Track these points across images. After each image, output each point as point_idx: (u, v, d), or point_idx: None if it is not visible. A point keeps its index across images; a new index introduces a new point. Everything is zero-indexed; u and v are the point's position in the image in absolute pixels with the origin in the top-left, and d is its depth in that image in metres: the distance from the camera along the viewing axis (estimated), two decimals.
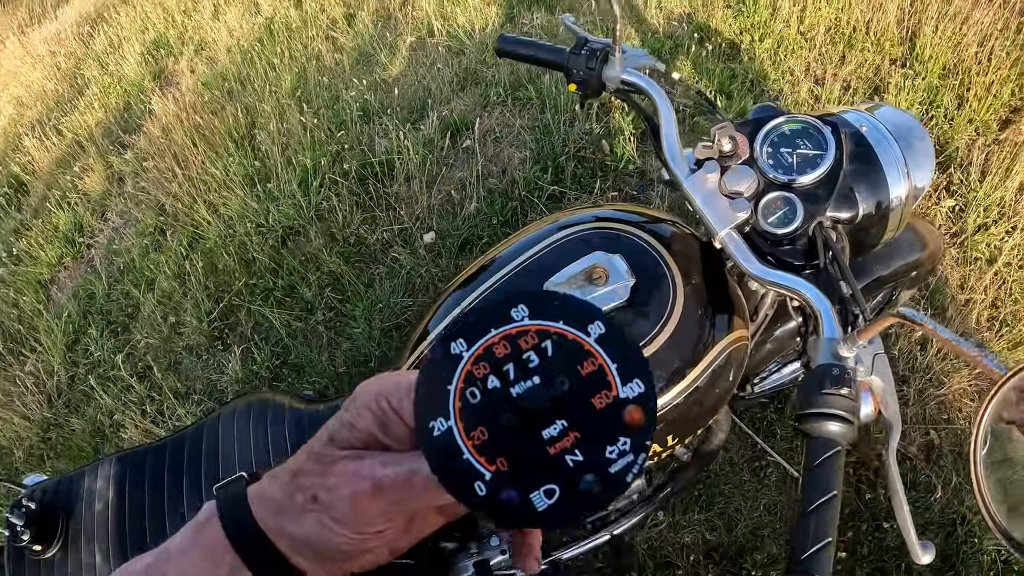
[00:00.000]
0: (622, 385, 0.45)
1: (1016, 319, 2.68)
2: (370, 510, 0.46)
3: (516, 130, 3.39)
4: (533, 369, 0.45)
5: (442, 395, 0.45)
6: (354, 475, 0.46)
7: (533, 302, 0.48)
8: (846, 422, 0.84)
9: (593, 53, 1.28)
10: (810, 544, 0.77)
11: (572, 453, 0.43)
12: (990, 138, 3.16)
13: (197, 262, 3.09)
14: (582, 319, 0.47)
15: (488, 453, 0.43)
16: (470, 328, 0.47)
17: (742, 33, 3.72)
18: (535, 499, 0.42)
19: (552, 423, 0.44)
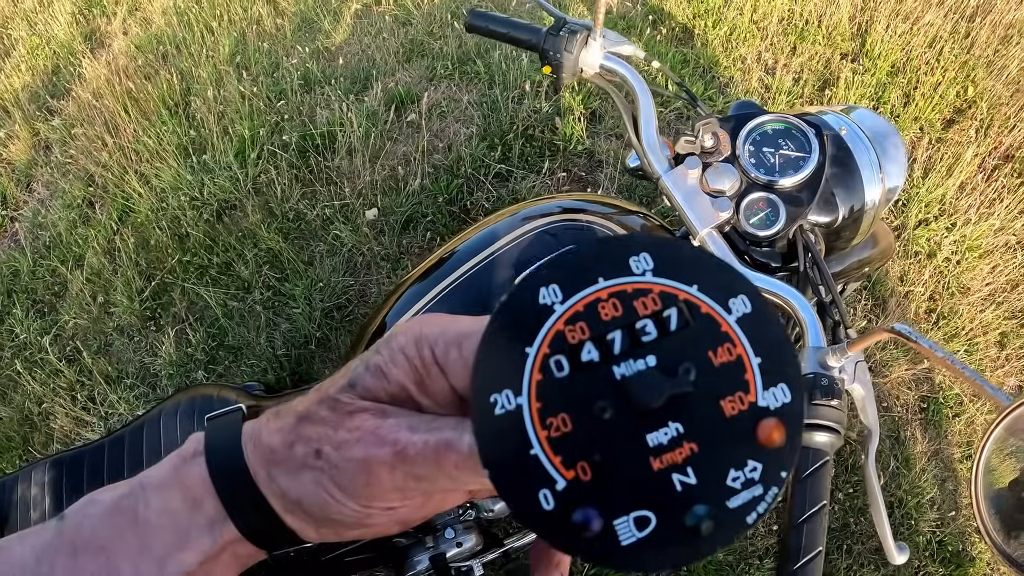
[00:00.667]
0: (763, 389, 0.33)
1: (953, 312, 2.77)
2: (384, 482, 0.37)
3: (463, 105, 3.33)
4: (648, 345, 0.33)
5: (516, 360, 0.33)
6: (372, 435, 0.37)
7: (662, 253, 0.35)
8: (835, 432, 0.84)
9: (572, 36, 1.21)
10: (802, 554, 0.76)
11: (683, 473, 0.32)
12: (934, 137, 3.28)
13: (128, 237, 2.96)
14: (725, 288, 0.35)
15: (567, 453, 0.32)
16: (570, 272, 0.35)
17: (695, 18, 3.74)
18: (620, 528, 0.31)
19: (663, 426, 0.32)
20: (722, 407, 0.33)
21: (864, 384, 0.95)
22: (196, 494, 0.40)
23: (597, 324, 0.33)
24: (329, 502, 0.38)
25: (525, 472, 0.31)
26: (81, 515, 0.41)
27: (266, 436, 0.40)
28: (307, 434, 0.39)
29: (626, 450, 0.32)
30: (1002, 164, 3.20)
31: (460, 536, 1.56)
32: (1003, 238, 2.97)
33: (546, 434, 0.32)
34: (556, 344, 0.33)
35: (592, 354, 0.33)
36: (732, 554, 2.28)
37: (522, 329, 0.33)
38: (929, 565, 2.31)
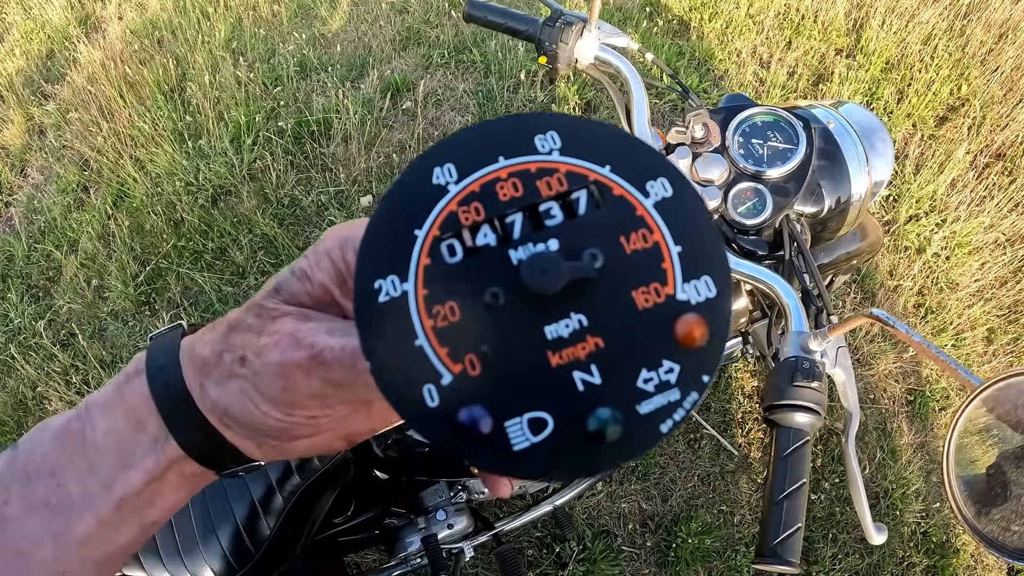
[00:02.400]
0: (683, 281, 0.30)
1: (941, 307, 2.80)
2: (300, 387, 0.36)
3: (459, 94, 3.33)
4: (552, 230, 0.31)
5: (404, 243, 0.30)
6: (290, 338, 0.36)
7: (571, 131, 0.32)
8: (815, 413, 0.86)
9: (568, 27, 1.23)
10: (782, 530, 0.79)
11: (585, 370, 0.28)
12: (926, 133, 3.30)
13: (123, 222, 2.96)
14: (642, 170, 0.32)
15: (455, 345, 0.29)
16: (466, 149, 0.32)
17: (691, 11, 3.75)
18: (512, 431, 0.28)
19: (565, 316, 0.29)
20: (634, 298, 0.30)
21: (845, 369, 0.98)
22: (139, 413, 0.40)
23: (495, 205, 0.31)
24: (253, 411, 0.37)
25: (408, 365, 0.29)
26: (33, 442, 0.42)
27: (199, 348, 0.39)
28: (234, 342, 0.38)
29: (520, 343, 0.29)
30: (993, 162, 3.23)
31: (451, 518, 1.58)
32: (992, 235, 2.99)
33: (432, 323, 0.29)
34: (448, 226, 0.30)
35: (488, 238, 0.30)
36: (719, 541, 2.31)
37: (413, 211, 0.31)
38: (914, 555, 2.34)
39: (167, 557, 1.21)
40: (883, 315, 0.88)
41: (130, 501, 0.40)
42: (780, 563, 0.78)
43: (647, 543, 2.34)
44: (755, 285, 1.06)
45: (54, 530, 0.40)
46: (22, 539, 0.40)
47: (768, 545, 0.79)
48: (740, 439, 2.49)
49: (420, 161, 0.32)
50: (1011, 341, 2.81)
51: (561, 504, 1.82)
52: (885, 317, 0.88)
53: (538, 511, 1.80)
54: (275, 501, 1.27)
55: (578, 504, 2.35)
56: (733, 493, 2.42)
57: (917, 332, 0.85)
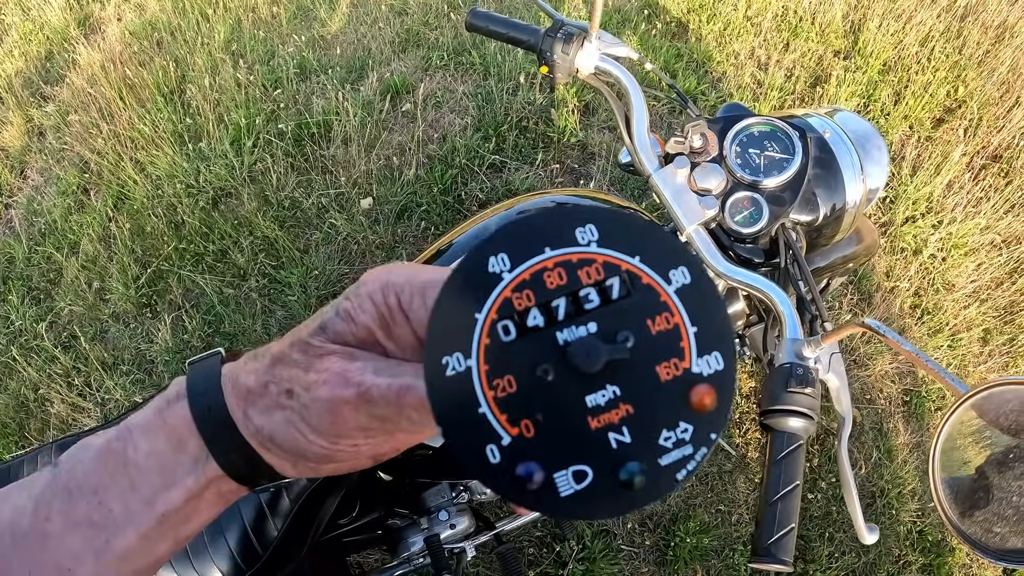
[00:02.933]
0: (697, 356, 0.35)
1: (937, 308, 2.82)
2: (348, 421, 0.39)
3: (458, 96, 3.35)
4: (590, 313, 0.35)
5: (466, 323, 0.35)
6: (339, 376, 0.39)
7: (606, 222, 0.37)
8: (808, 418, 0.89)
9: (569, 37, 1.25)
10: (776, 530, 0.82)
11: (619, 432, 0.34)
12: (923, 135, 3.31)
13: (123, 224, 2.97)
14: (665, 259, 0.37)
15: (512, 412, 0.34)
16: (518, 241, 0.36)
17: (690, 13, 3.77)
18: (559, 481, 0.33)
19: (602, 388, 0.34)
20: (657, 372, 0.35)
21: (838, 375, 1.00)
22: (180, 435, 0.42)
23: (543, 292, 0.35)
24: (299, 439, 0.40)
25: (474, 429, 0.34)
26: (74, 460, 0.44)
27: (243, 377, 0.42)
28: (280, 375, 0.41)
29: (566, 410, 0.34)
30: (990, 164, 3.25)
31: (453, 518, 1.60)
32: (989, 236, 3.01)
33: (493, 394, 0.34)
34: (504, 310, 0.35)
35: (537, 320, 0.35)
36: (717, 539, 2.33)
37: (472, 295, 0.35)
38: (910, 554, 2.36)
39: (175, 558, 1.22)
40: (875, 324, 0.90)
41: (170, 517, 0.43)
42: (775, 562, 0.81)
43: (646, 542, 2.36)
44: (751, 292, 1.08)
45: (96, 546, 0.43)
46: (63, 555, 0.42)
47: (763, 545, 0.82)
48: (737, 439, 2.51)
49: (478, 251, 0.36)
50: (1007, 342, 2.83)
51: None
52: (876, 326, 0.90)
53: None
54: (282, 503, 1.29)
55: None
56: (731, 492, 2.44)
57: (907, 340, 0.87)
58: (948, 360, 2.76)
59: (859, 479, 2.47)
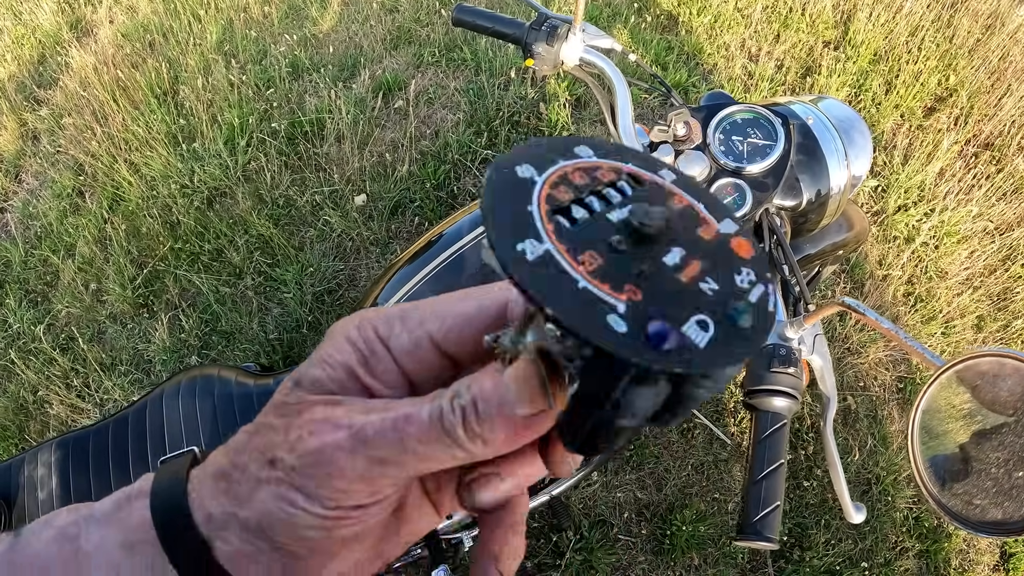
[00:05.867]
0: (717, 222, 0.38)
1: (930, 295, 2.83)
2: (346, 470, 0.33)
3: (450, 92, 3.36)
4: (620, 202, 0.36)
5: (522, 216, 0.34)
6: (325, 423, 0.34)
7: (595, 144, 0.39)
8: (792, 398, 0.91)
9: (554, 30, 1.27)
10: (761, 507, 0.84)
11: (706, 281, 0.34)
12: (914, 124, 3.33)
13: (119, 225, 2.97)
14: (651, 165, 0.40)
15: (611, 280, 0.32)
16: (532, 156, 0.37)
17: (680, 5, 3.78)
18: (691, 333, 0.31)
19: (668, 250, 0.34)
20: (700, 234, 0.36)
21: (822, 355, 1.02)
22: (133, 537, 0.37)
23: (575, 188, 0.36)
24: (293, 512, 0.34)
25: (584, 304, 0.31)
26: (32, 535, 0.39)
27: (213, 461, 0.37)
28: (258, 445, 0.36)
29: (656, 270, 0.33)
30: (981, 151, 3.26)
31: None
32: (981, 224, 3.03)
33: (584, 268, 0.32)
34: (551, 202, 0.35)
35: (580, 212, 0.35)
36: (713, 528, 2.34)
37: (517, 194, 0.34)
38: (907, 540, 2.37)
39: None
40: (852, 302, 0.93)
41: None
42: (760, 539, 0.83)
43: (643, 531, 2.38)
44: None
45: None
46: None
47: (749, 522, 0.83)
48: (732, 428, 2.53)
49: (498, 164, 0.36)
50: (1001, 328, 2.84)
51: (558, 494, 1.84)
52: (854, 304, 0.93)
53: (535, 501, 1.83)
54: None
55: (574, 494, 2.38)
56: (726, 481, 2.45)
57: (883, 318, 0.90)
58: (942, 347, 2.77)
59: (854, 466, 2.49)
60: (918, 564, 2.37)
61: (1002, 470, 0.75)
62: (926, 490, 0.80)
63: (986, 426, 0.79)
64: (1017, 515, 0.72)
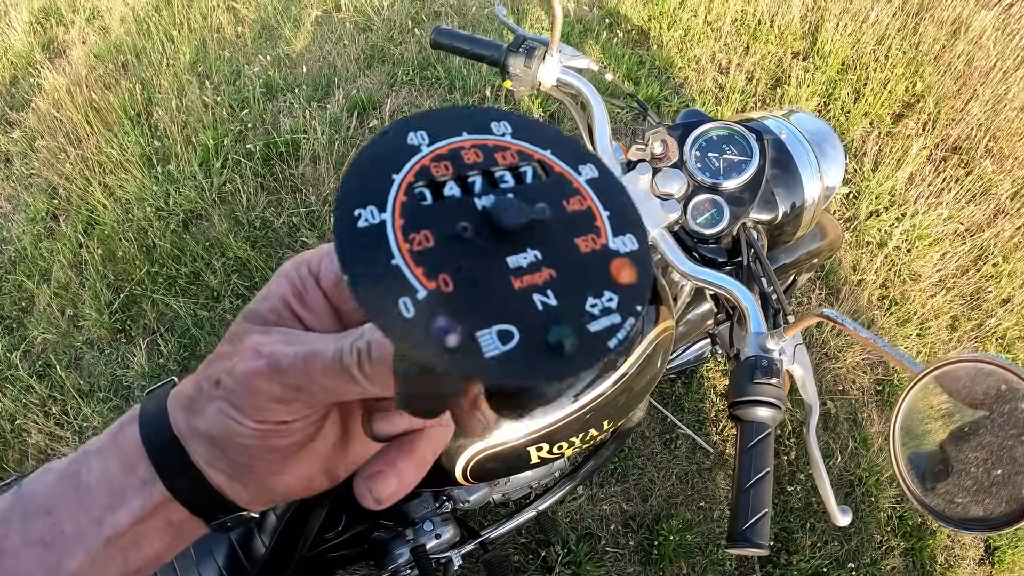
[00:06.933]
0: (613, 236, 0.36)
1: (904, 298, 2.87)
2: (264, 392, 0.38)
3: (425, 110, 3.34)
4: (506, 190, 0.36)
5: (382, 181, 0.34)
6: (252, 350, 0.39)
7: (520, 123, 0.39)
8: (775, 407, 0.93)
9: (531, 52, 1.28)
10: (750, 515, 0.85)
11: (543, 294, 0.32)
12: (883, 131, 3.39)
13: (94, 249, 2.95)
14: (574, 156, 0.38)
15: (428, 265, 0.32)
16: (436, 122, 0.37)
17: (651, 20, 3.82)
18: (483, 340, 0.30)
19: (523, 251, 0.33)
20: (577, 243, 0.35)
21: (803, 365, 1.04)
22: (130, 457, 0.42)
23: (461, 166, 0.35)
24: (229, 424, 0.39)
25: (386, 280, 0.31)
26: (35, 482, 0.45)
27: (182, 388, 0.43)
28: (211, 372, 0.41)
29: (487, 267, 0.32)
30: (949, 155, 3.32)
31: (438, 528, 1.61)
32: (951, 226, 3.08)
33: (408, 247, 0.32)
34: (422, 175, 0.34)
35: (454, 190, 0.34)
36: (700, 536, 2.36)
37: (390, 159, 0.34)
38: (891, 539, 2.40)
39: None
40: (832, 314, 0.95)
41: (116, 540, 0.43)
42: (751, 546, 0.84)
43: (630, 542, 2.39)
44: (716, 290, 1.11)
45: (47, 565, 0.43)
46: (18, 572, 0.43)
47: (738, 530, 0.85)
48: (715, 437, 2.55)
49: (397, 125, 0.36)
50: (975, 327, 2.89)
51: (544, 509, 1.86)
52: (833, 315, 0.95)
53: (522, 517, 1.84)
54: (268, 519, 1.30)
55: (560, 508, 2.39)
56: (711, 489, 2.47)
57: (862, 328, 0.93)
58: (918, 348, 2.81)
59: (837, 469, 2.52)
60: (904, 562, 2.41)
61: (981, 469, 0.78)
62: (909, 490, 0.83)
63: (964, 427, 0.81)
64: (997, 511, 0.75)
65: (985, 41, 3.66)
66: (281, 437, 0.40)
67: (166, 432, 0.42)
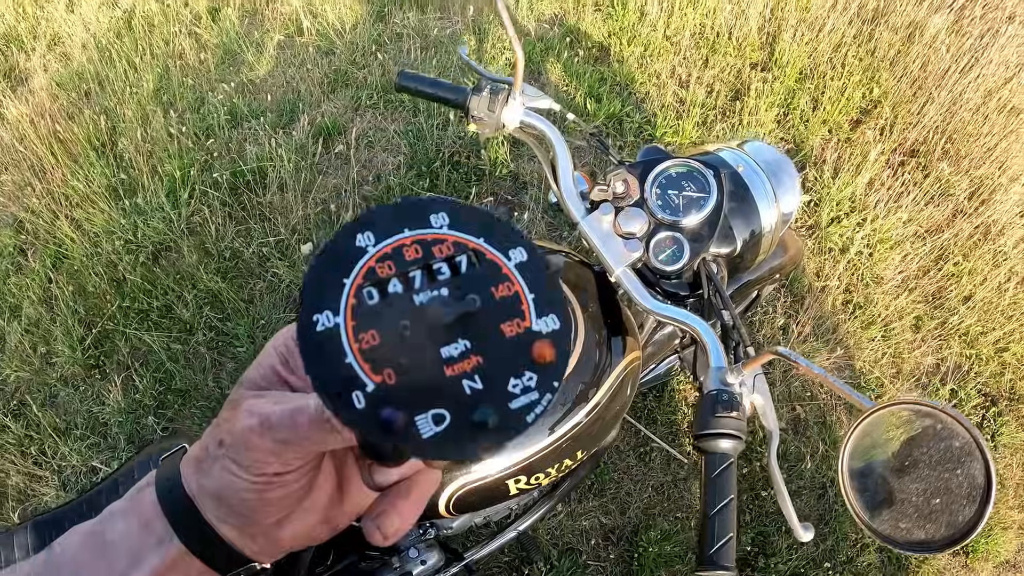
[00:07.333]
0: (536, 318, 0.41)
1: (868, 302, 2.93)
2: (258, 446, 0.44)
3: (390, 134, 3.38)
4: (442, 281, 0.41)
5: (335, 287, 0.39)
6: (247, 411, 0.45)
7: (456, 212, 0.44)
8: (737, 438, 0.97)
9: (494, 95, 1.30)
10: (716, 540, 0.90)
11: (471, 379, 0.39)
12: (842, 137, 3.44)
13: (64, 285, 2.93)
14: (505, 241, 0.43)
15: (375, 362, 0.38)
16: (381, 221, 0.42)
17: (611, 36, 3.84)
18: (420, 423, 0.37)
19: (454, 342, 0.39)
20: (502, 329, 0.40)
21: (763, 394, 1.08)
22: (148, 517, 0.48)
23: (402, 263, 0.41)
24: (231, 479, 0.45)
25: (340, 378, 0.37)
26: (64, 543, 0.49)
27: (192, 451, 0.48)
28: (215, 434, 0.46)
29: (424, 360, 0.38)
30: (907, 159, 3.39)
31: (423, 555, 1.64)
32: (912, 228, 3.15)
33: (358, 347, 0.38)
34: (368, 277, 0.40)
35: (397, 287, 0.40)
36: (679, 545, 2.40)
37: (341, 264, 0.40)
38: (865, 537, 2.46)
39: None
40: (786, 352, 1.00)
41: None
42: (718, 568, 0.89)
43: (611, 555, 2.43)
44: (677, 326, 1.15)
45: None
46: None
47: (706, 555, 0.90)
48: (688, 447, 2.59)
49: (346, 228, 0.41)
50: (938, 326, 2.95)
51: (524, 528, 1.88)
52: (787, 353, 1.00)
53: (504, 538, 1.87)
54: None
55: (541, 526, 2.42)
56: (687, 499, 2.51)
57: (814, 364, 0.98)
58: (883, 350, 2.87)
59: (808, 473, 2.57)
60: (879, 557, 2.47)
61: (921, 498, 0.85)
62: (858, 516, 0.89)
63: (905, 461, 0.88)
64: (938, 535, 0.81)
65: (939, 45, 3.73)
66: (277, 489, 0.45)
67: (180, 492, 0.47)
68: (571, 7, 4.00)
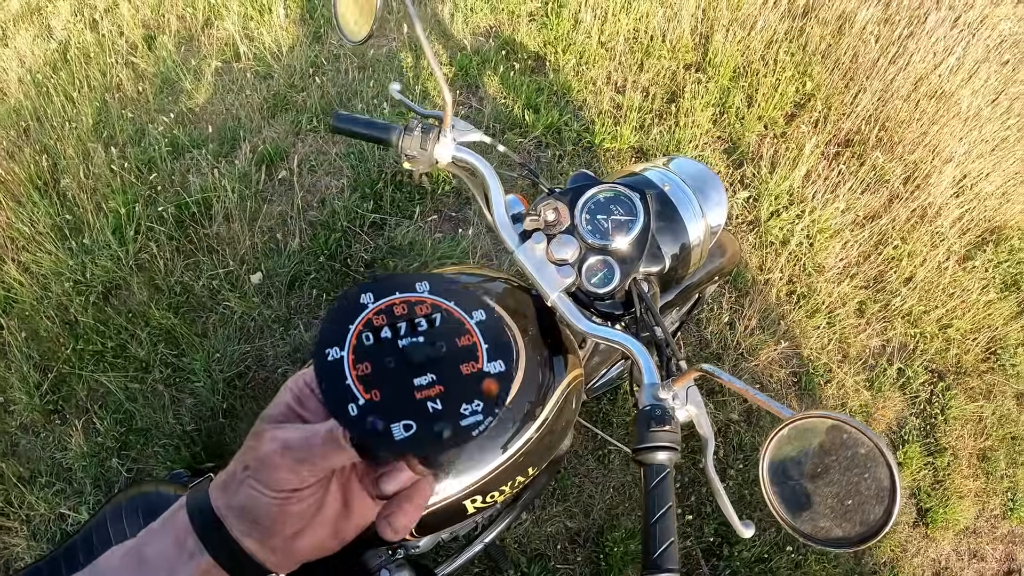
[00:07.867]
0: (488, 361, 0.57)
1: (811, 291, 3.02)
2: (280, 467, 0.54)
3: (331, 158, 3.39)
4: (420, 331, 0.57)
5: (343, 331, 0.55)
6: (270, 439, 0.55)
7: (436, 282, 0.61)
8: (672, 450, 1.03)
9: (425, 133, 1.34)
10: (658, 545, 0.96)
11: (434, 402, 0.54)
12: (777, 132, 3.53)
13: (16, 331, 2.88)
14: (470, 305, 0.60)
15: (367, 384, 0.53)
16: (380, 287, 0.59)
17: (546, 46, 3.88)
18: (395, 429, 0.52)
19: (424, 374, 0.55)
20: (461, 369, 0.56)
21: (696, 404, 1.13)
22: (180, 535, 0.56)
23: (392, 316, 0.57)
24: (256, 496, 0.55)
25: (341, 393, 0.53)
26: (106, 561, 0.58)
27: (219, 477, 0.58)
28: (241, 459, 0.57)
29: (401, 386, 0.54)
30: (842, 150, 3.49)
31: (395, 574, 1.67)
32: (850, 216, 3.24)
33: (356, 373, 0.54)
34: (367, 325, 0.56)
35: (387, 333, 0.56)
36: None
37: (348, 314, 0.57)
38: None
39: None
40: (711, 368, 1.06)
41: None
42: (662, 572, 0.94)
43: (579, 558, 2.48)
44: (612, 345, 1.20)
45: None
46: None
47: (651, 559, 0.95)
48: None
49: (354, 289, 0.58)
50: (881, 308, 3.06)
51: (491, 540, 1.92)
52: (712, 370, 1.06)
53: (472, 551, 1.91)
54: None
55: (508, 536, 2.46)
56: None
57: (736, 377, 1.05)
58: (829, 336, 2.96)
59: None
60: None
61: (836, 500, 0.93)
62: (780, 517, 0.96)
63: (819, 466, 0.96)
64: (854, 532, 0.89)
65: (868, 35, 3.83)
66: (295, 503, 0.56)
67: (209, 512, 0.57)
68: (506, 19, 4.04)
